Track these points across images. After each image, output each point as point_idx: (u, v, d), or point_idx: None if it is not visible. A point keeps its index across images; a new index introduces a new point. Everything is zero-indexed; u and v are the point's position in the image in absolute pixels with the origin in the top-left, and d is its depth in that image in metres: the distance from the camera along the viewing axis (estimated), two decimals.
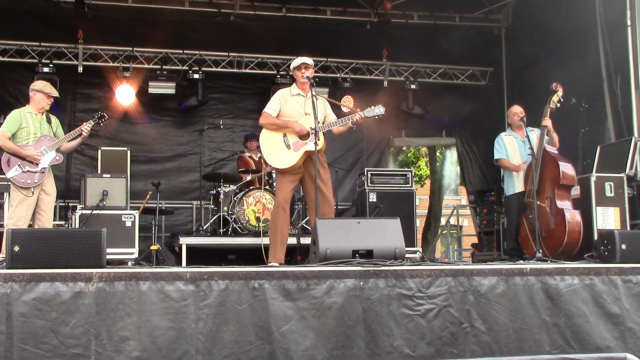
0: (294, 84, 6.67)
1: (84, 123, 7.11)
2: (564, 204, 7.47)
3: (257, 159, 10.06)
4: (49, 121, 7.07)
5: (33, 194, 6.72)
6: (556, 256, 6.91)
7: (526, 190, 7.62)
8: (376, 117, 6.56)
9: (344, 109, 8.10)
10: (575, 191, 7.74)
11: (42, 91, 7.02)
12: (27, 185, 6.69)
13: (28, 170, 6.71)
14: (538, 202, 7.12)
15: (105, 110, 10.13)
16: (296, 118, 6.47)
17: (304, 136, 6.38)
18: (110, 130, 11.03)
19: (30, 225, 6.75)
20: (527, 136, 7.48)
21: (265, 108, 6.60)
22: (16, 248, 4.26)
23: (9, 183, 6.76)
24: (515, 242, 7.88)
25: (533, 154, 7.28)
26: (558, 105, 7.68)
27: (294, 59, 6.63)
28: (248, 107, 11.74)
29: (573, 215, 7.40)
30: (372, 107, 6.53)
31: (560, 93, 7.68)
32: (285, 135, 6.45)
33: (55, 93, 7.18)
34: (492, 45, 11.78)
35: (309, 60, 6.56)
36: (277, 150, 6.45)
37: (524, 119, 7.82)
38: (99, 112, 7.42)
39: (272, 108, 6.56)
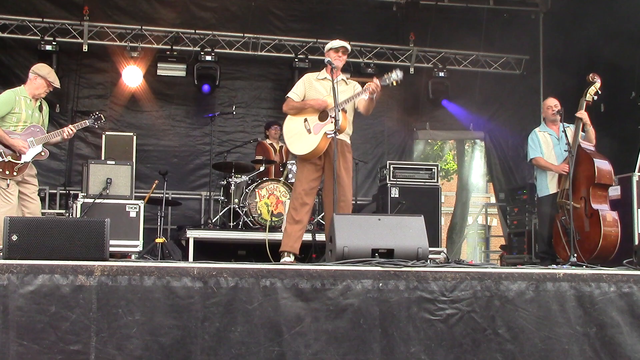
0: (324, 69, 6.71)
1: (71, 125, 7.06)
2: (600, 205, 7.35)
3: (277, 148, 10.10)
4: (40, 109, 6.96)
5: (8, 186, 6.62)
6: (591, 261, 6.83)
7: (560, 190, 7.57)
8: (395, 84, 6.53)
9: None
10: (616, 192, 7.64)
11: (45, 78, 6.84)
12: (5, 176, 6.61)
13: (9, 160, 6.62)
14: (572, 203, 7.06)
15: (110, 95, 10.24)
16: None
17: (324, 118, 6.42)
18: (115, 114, 11.13)
19: None
20: (564, 131, 7.37)
21: (289, 93, 6.71)
22: (14, 237, 4.31)
23: None
24: (548, 246, 7.84)
25: (570, 151, 7.15)
26: (595, 98, 7.54)
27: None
28: (261, 96, 11.81)
29: (610, 217, 7.30)
30: (388, 73, 6.52)
31: (597, 85, 7.52)
32: (305, 120, 6.54)
33: (57, 84, 7.03)
34: (529, 31, 11.70)
35: (347, 45, 6.69)
36: (299, 137, 6.53)
37: (561, 113, 7.55)
38: (96, 112, 7.44)
39: (295, 93, 6.67)
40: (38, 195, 7.06)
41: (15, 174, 6.67)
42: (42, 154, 6.87)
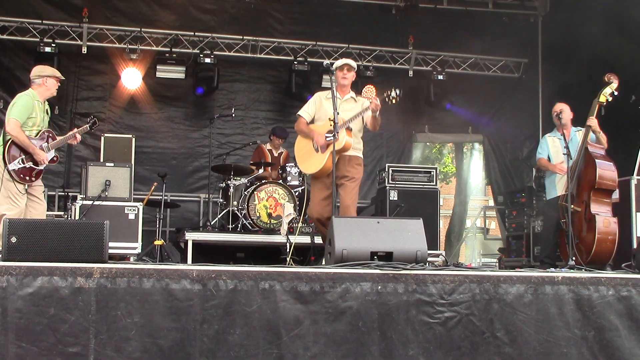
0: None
1: (77, 129, 7.16)
2: (599, 210, 7.25)
3: (276, 155, 10.11)
4: (47, 112, 6.99)
5: (27, 191, 6.70)
6: (588, 265, 6.74)
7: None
8: (394, 101, 6.55)
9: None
10: (614, 195, 7.58)
11: (54, 76, 6.92)
12: (25, 181, 6.66)
13: (30, 167, 6.68)
14: (573, 206, 7.03)
15: (109, 97, 10.25)
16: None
17: (329, 137, 6.41)
18: (114, 116, 11.13)
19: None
20: (563, 135, 7.35)
21: (300, 111, 6.82)
22: (13, 239, 4.31)
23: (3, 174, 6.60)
24: (554, 247, 7.76)
25: (568, 154, 7.02)
26: (610, 99, 7.36)
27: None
28: (260, 98, 11.82)
29: (606, 223, 7.19)
30: (387, 92, 6.57)
31: (614, 85, 7.34)
32: (314, 139, 6.62)
33: (61, 76, 7.13)
34: (528, 34, 11.72)
35: (352, 63, 6.80)
36: (308, 156, 6.63)
37: (560, 116, 7.57)
38: (91, 117, 7.48)
39: (306, 111, 6.77)
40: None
41: (34, 179, 6.75)
42: (55, 159, 6.96)
